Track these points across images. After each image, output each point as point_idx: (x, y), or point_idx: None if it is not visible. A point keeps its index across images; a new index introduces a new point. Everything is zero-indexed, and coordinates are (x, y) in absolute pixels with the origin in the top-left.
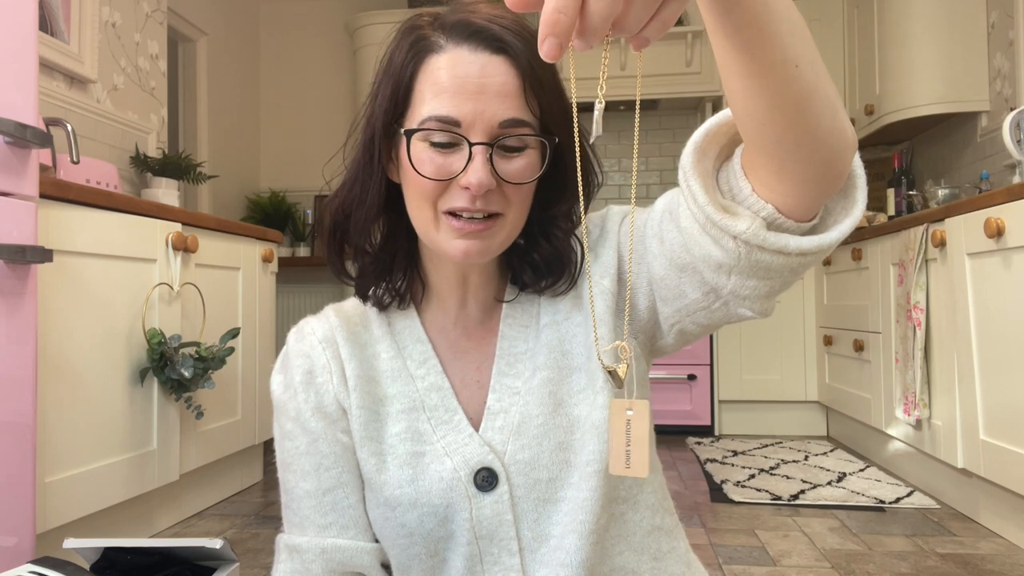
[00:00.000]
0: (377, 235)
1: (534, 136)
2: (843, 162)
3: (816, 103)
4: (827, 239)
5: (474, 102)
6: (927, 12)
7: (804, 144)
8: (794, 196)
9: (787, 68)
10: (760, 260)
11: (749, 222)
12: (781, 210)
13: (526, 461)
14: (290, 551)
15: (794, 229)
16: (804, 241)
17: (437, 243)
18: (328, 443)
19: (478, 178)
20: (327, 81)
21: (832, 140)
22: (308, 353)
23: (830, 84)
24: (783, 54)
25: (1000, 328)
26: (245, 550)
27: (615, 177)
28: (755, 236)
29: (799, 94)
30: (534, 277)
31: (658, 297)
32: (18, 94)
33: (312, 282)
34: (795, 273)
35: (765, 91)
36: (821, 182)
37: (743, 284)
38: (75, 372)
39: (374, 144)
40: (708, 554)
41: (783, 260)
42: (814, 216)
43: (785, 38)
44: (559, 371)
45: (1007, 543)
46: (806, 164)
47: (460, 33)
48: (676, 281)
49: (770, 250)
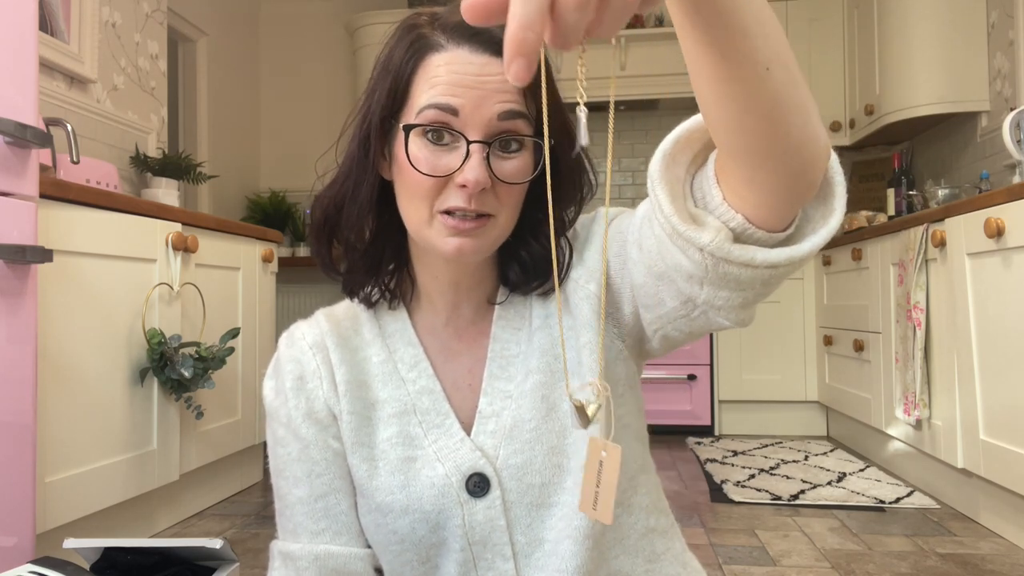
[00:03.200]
0: (367, 232)
1: (530, 137)
2: (815, 172)
3: (788, 110)
4: (798, 252)
5: (472, 95)
6: (927, 12)
7: (775, 153)
8: (765, 206)
9: (757, 71)
10: (728, 272)
11: (714, 234)
12: (752, 220)
13: (518, 466)
14: (284, 558)
15: (765, 240)
16: (773, 254)
17: (430, 240)
18: (319, 449)
19: (475, 175)
20: (327, 81)
21: (804, 150)
22: (298, 359)
23: (804, 90)
24: (753, 55)
25: (1000, 328)
26: (245, 550)
27: (615, 177)
28: (719, 249)
29: (770, 99)
30: (523, 277)
31: (640, 304)
32: (18, 94)
33: (312, 282)
34: (768, 284)
35: (735, 95)
36: (792, 192)
37: (715, 295)
38: (75, 372)
39: (369, 140)
40: (708, 554)
41: (751, 272)
42: (788, 226)
43: (756, 39)
44: (551, 375)
45: (1007, 543)
46: (777, 174)
47: (461, 34)
48: (655, 289)
49: (736, 263)
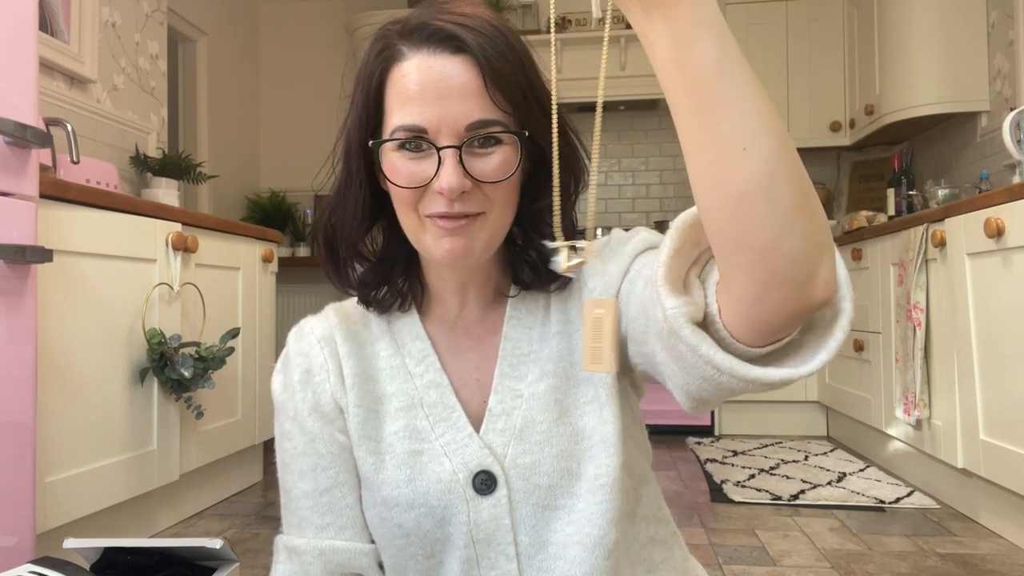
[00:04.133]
0: (375, 243)
1: (503, 132)
2: (794, 299)
3: (759, 203)
4: (743, 369)
5: (438, 108)
6: (927, 12)
7: (743, 248)
8: (731, 310)
9: (732, 147)
10: (677, 348)
11: (680, 304)
12: (723, 319)
13: (526, 466)
14: (289, 552)
15: (733, 346)
16: (717, 354)
17: (425, 246)
18: (325, 443)
19: (449, 183)
20: (327, 81)
21: (778, 259)
22: (307, 352)
23: (797, 196)
24: (730, 128)
25: (1000, 328)
26: (245, 550)
27: (615, 177)
28: (675, 320)
29: (741, 184)
30: (534, 277)
31: (629, 337)
32: (18, 94)
33: (312, 282)
34: (721, 389)
35: (708, 168)
36: (761, 306)
37: (668, 363)
38: (75, 372)
39: (351, 157)
40: (708, 554)
41: (697, 361)
42: (764, 344)
43: (736, 112)
44: (567, 380)
45: (1007, 543)
46: (744, 275)
47: (419, 36)
48: (643, 327)
49: (684, 342)
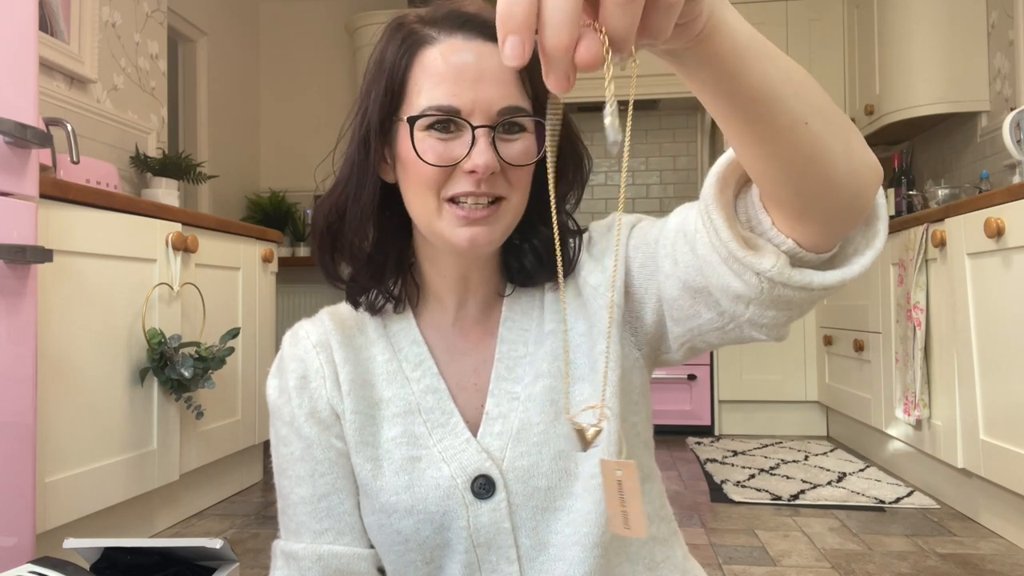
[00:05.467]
0: (369, 239)
1: (531, 118)
2: (865, 198)
3: (830, 152)
4: (849, 273)
5: (473, 90)
6: (927, 12)
7: (822, 194)
8: (816, 235)
9: (796, 129)
10: (782, 295)
11: (774, 259)
12: (802, 244)
13: (525, 468)
14: (286, 557)
15: (813, 261)
16: (828, 277)
17: (441, 233)
18: (322, 449)
19: (484, 160)
20: (327, 81)
21: (851, 182)
22: (302, 357)
23: (841, 124)
24: (790, 118)
25: (1000, 328)
26: (245, 550)
27: (615, 177)
28: (780, 274)
29: (811, 149)
30: (536, 264)
31: (668, 317)
32: (18, 94)
33: (312, 282)
34: (813, 304)
35: (775, 155)
36: (845, 220)
37: (762, 314)
38: (75, 372)
39: (369, 141)
40: (708, 554)
41: (806, 295)
42: (834, 247)
43: (790, 101)
44: (562, 380)
45: (1007, 543)
46: (828, 209)
47: (452, 23)
48: (689, 303)
49: (794, 287)
